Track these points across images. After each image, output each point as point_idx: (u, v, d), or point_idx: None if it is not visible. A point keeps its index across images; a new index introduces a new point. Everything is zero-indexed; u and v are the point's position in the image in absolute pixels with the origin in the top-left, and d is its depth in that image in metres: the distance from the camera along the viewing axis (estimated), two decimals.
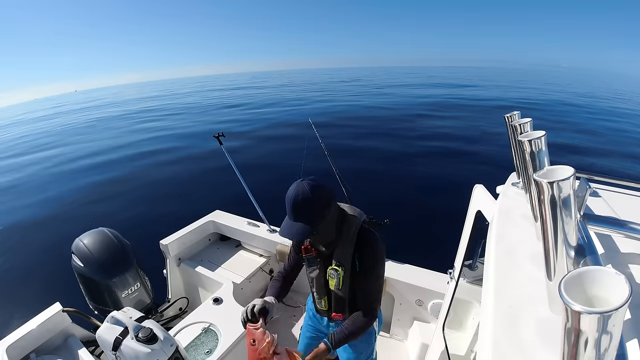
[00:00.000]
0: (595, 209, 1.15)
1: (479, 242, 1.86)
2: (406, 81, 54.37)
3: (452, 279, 2.02)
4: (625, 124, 18.06)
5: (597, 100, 30.49)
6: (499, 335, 0.72)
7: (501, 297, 0.83)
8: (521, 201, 1.24)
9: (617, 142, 13.33)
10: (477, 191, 1.76)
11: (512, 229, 1.10)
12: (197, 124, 20.19)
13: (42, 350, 2.26)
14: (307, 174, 1.46)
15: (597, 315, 0.37)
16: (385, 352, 2.79)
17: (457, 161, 10.53)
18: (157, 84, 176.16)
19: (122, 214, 7.48)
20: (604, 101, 30.43)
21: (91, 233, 2.63)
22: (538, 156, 0.89)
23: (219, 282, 2.93)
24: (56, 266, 4.98)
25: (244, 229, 3.45)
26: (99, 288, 2.52)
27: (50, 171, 11.82)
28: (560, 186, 0.61)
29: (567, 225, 0.66)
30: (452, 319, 2.08)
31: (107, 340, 1.79)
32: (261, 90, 47.65)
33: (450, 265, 2.07)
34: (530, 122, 1.06)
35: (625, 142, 13.43)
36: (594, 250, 0.69)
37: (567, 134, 13.86)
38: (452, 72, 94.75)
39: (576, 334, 0.40)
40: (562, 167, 0.64)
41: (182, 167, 10.95)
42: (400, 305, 2.80)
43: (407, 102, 25.30)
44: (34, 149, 16.90)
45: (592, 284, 0.43)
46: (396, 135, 14.00)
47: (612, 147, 12.42)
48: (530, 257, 0.93)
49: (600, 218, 0.90)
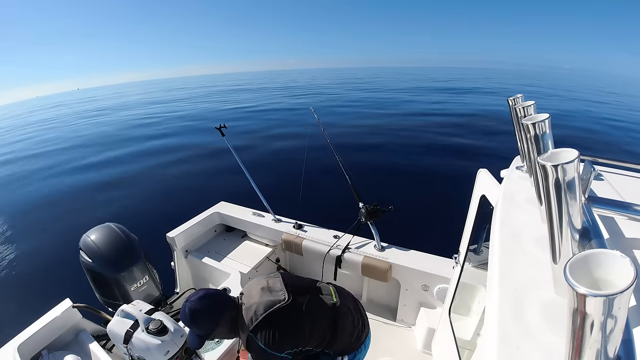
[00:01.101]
0: (599, 191, 1.14)
1: (483, 227, 1.86)
2: (408, 82, 53.43)
3: (457, 264, 2.03)
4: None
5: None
6: (504, 319, 0.72)
7: (506, 280, 0.83)
8: (525, 185, 1.23)
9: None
10: (481, 175, 1.75)
11: (517, 212, 1.10)
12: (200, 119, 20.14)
13: (54, 347, 2.28)
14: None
15: (602, 298, 0.37)
16: (392, 338, 2.81)
17: (462, 148, 10.48)
18: (158, 83, 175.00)
19: (128, 208, 7.54)
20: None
21: (98, 229, 2.65)
22: (542, 139, 0.88)
23: (227, 272, 2.95)
24: (64, 263, 5.03)
25: (249, 219, 3.47)
26: (108, 283, 2.55)
27: (56, 169, 11.87)
28: (564, 169, 0.61)
29: (571, 208, 0.65)
30: (458, 304, 2.10)
31: (118, 334, 1.82)
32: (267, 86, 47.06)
33: (455, 250, 2.08)
34: (533, 105, 1.04)
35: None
36: (599, 233, 0.69)
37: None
38: (453, 73, 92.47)
39: (582, 316, 0.40)
40: (567, 150, 0.64)
41: (185, 159, 10.96)
42: (406, 290, 2.82)
43: (412, 103, 24.96)
44: (37, 146, 16.94)
45: (597, 267, 0.43)
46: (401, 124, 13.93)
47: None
48: (535, 241, 0.93)
49: (605, 200, 0.90)
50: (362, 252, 2.88)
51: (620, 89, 52.85)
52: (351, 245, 2.95)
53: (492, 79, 65.71)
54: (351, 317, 1.71)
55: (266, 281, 1.63)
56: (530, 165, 1.10)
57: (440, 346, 2.25)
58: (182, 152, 11.87)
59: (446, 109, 18.79)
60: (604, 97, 32.37)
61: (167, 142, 13.79)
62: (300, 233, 3.20)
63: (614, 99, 31.29)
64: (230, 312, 1.54)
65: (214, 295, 1.55)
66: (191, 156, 11.32)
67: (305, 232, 3.22)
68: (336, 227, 3.21)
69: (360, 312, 1.80)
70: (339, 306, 1.66)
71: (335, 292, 1.72)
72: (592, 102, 27.13)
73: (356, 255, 2.86)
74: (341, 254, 2.91)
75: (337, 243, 2.98)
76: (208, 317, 1.50)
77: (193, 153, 11.63)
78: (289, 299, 1.51)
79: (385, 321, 2.97)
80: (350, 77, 75.33)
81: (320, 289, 1.70)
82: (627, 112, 21.51)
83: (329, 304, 1.62)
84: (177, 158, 11.24)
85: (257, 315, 1.48)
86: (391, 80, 55.39)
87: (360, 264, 2.80)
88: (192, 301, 1.49)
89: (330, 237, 3.08)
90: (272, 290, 1.56)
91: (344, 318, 1.68)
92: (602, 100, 28.63)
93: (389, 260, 2.74)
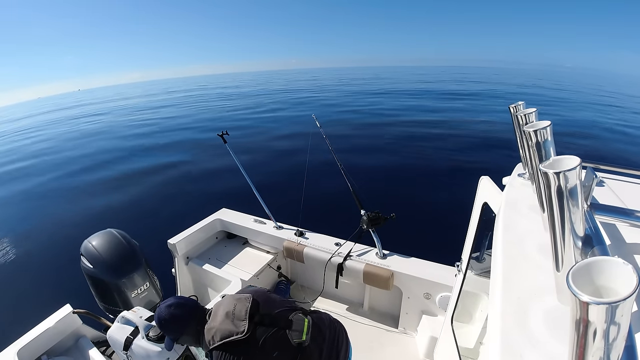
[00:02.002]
0: (602, 198, 1.14)
1: (485, 234, 1.86)
2: (410, 82, 53.51)
3: (459, 272, 2.02)
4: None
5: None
6: (507, 327, 0.72)
7: (509, 288, 0.82)
8: (528, 192, 1.23)
9: None
10: (483, 183, 1.75)
11: (519, 220, 1.09)
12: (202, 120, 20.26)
13: (54, 352, 2.28)
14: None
15: (605, 306, 0.37)
16: (394, 347, 2.79)
17: (464, 153, 10.49)
18: (159, 83, 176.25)
19: (129, 214, 7.55)
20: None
21: (99, 234, 2.65)
22: (544, 146, 0.88)
23: (227, 279, 2.95)
24: (65, 268, 5.03)
25: (250, 226, 3.47)
26: (109, 289, 2.54)
27: (56, 174, 11.92)
28: (566, 176, 0.61)
29: (574, 215, 0.65)
30: (461, 312, 2.08)
31: (118, 340, 1.81)
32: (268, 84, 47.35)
33: (457, 257, 2.07)
34: (535, 112, 1.05)
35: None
36: (601, 240, 0.69)
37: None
38: (453, 73, 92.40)
39: (584, 324, 0.40)
40: (568, 157, 0.64)
41: (187, 165, 11.00)
42: (408, 299, 2.81)
43: (417, 104, 25.00)
44: (37, 153, 17.04)
45: (600, 275, 0.43)
46: (403, 131, 13.96)
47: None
48: (538, 248, 0.93)
49: (607, 207, 0.90)
50: (364, 259, 2.86)
51: (624, 89, 52.49)
52: (353, 253, 2.94)
53: (494, 78, 65.45)
54: (319, 356, 1.58)
55: (234, 305, 1.58)
56: (532, 173, 1.10)
57: (442, 354, 2.23)
58: (184, 158, 11.91)
59: (448, 113, 18.81)
60: (607, 99, 32.23)
61: (168, 148, 13.84)
62: (301, 240, 3.19)
63: (619, 101, 31.09)
64: (195, 326, 1.58)
65: (183, 306, 1.61)
66: (193, 162, 11.35)
67: (307, 239, 3.21)
68: (338, 234, 3.20)
69: (336, 348, 1.67)
70: (306, 347, 1.54)
71: (308, 329, 1.59)
72: (599, 104, 27.11)
73: (358, 263, 2.85)
74: (343, 262, 2.90)
75: (339, 251, 2.97)
76: (173, 325, 1.58)
77: (195, 159, 11.66)
78: (247, 332, 1.47)
79: (387, 329, 2.95)
80: (351, 77, 75.65)
81: (290, 323, 1.59)
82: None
83: (293, 343, 1.52)
84: (179, 164, 11.27)
85: (214, 340, 1.49)
86: (391, 81, 55.54)
87: (362, 272, 2.79)
88: (161, 308, 1.58)
89: (332, 244, 3.07)
90: (235, 318, 1.52)
91: (311, 358, 1.56)
92: (609, 103, 28.51)
93: (391, 268, 2.73)
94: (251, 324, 1.50)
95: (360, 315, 3.12)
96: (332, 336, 1.69)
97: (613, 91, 44.29)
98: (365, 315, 3.12)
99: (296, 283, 3.58)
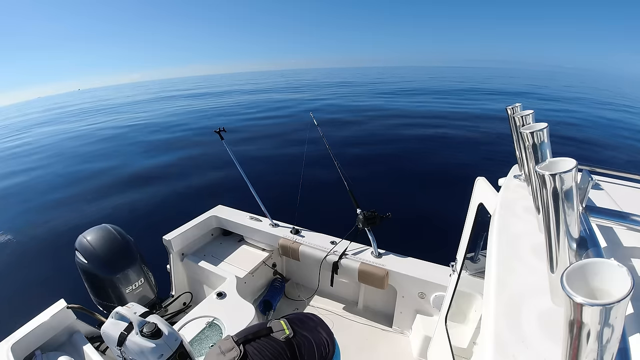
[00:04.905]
0: (597, 201, 1.15)
1: (481, 235, 1.86)
2: (410, 82, 53.55)
3: (454, 272, 2.03)
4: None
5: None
6: (500, 327, 0.72)
7: (503, 289, 0.83)
8: (523, 193, 1.24)
9: None
10: (479, 183, 1.76)
11: (514, 221, 1.10)
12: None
13: (47, 347, 2.27)
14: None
15: (599, 308, 0.37)
16: (388, 345, 2.80)
17: (460, 154, 10.52)
18: (159, 83, 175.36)
19: (124, 210, 7.52)
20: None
21: (94, 229, 2.63)
22: (540, 148, 0.88)
23: (222, 276, 2.94)
24: (60, 263, 5.02)
25: (246, 223, 3.46)
26: (103, 284, 2.53)
27: (53, 169, 11.85)
28: (562, 178, 0.61)
29: (569, 217, 0.66)
30: (455, 312, 2.09)
31: (111, 336, 1.80)
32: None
33: (452, 257, 2.07)
34: (532, 114, 1.05)
35: None
36: (596, 243, 0.69)
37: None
38: (457, 72, 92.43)
39: (578, 326, 0.40)
40: (564, 159, 0.64)
41: (183, 161, 10.97)
42: (402, 298, 2.82)
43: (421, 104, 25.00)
44: (36, 151, 16.93)
45: (594, 276, 0.43)
46: (401, 131, 13.98)
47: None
48: (532, 249, 0.93)
49: (602, 210, 0.90)
50: (359, 258, 2.87)
51: (626, 89, 52.86)
52: (348, 252, 2.94)
53: (496, 78, 65.55)
54: (309, 343, 1.63)
55: (219, 347, 1.58)
56: (528, 174, 1.11)
57: (436, 354, 2.24)
58: (180, 154, 11.87)
59: (447, 113, 18.84)
60: (611, 99, 32.61)
61: (164, 144, 13.79)
62: (297, 238, 3.19)
63: (620, 101, 31.50)
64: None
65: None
66: (189, 158, 11.31)
67: (303, 237, 3.21)
68: (333, 232, 3.20)
69: (322, 333, 1.72)
70: (293, 337, 1.60)
71: (287, 324, 1.65)
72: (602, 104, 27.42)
73: (353, 261, 2.85)
74: (338, 260, 2.90)
75: (334, 249, 2.97)
76: None
77: (191, 155, 11.63)
78: (241, 352, 1.48)
79: (381, 328, 2.96)
80: (352, 77, 75.69)
81: (270, 329, 1.64)
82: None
83: (281, 340, 1.57)
84: (175, 160, 11.24)
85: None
86: (392, 81, 55.59)
87: (357, 270, 2.80)
88: None
89: (328, 242, 3.08)
90: (226, 351, 1.53)
91: (303, 347, 1.61)
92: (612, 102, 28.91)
93: (386, 267, 2.73)
94: (239, 346, 1.52)
95: (354, 313, 3.13)
96: (312, 326, 1.73)
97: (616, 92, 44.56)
98: (359, 313, 3.13)
99: (291, 281, 3.58)
